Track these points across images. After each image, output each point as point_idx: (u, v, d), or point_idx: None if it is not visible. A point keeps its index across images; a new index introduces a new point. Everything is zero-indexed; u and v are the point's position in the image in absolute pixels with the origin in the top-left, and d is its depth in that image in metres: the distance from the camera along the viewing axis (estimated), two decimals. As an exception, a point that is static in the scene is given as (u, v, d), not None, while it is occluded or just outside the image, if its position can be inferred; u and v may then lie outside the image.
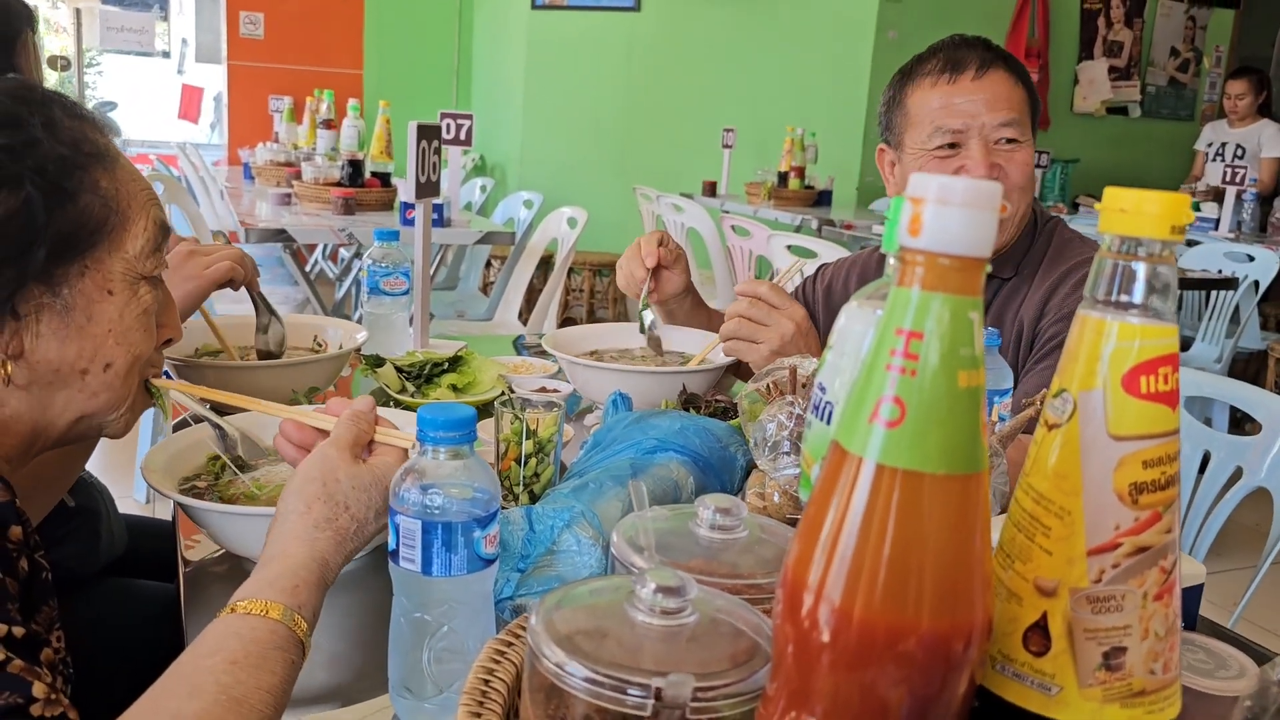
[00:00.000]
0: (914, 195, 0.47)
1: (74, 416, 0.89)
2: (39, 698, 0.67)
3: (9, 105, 0.84)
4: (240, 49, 6.91)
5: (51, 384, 0.86)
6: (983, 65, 1.44)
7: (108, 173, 0.88)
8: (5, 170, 0.80)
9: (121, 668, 1.27)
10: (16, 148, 0.82)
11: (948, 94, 1.44)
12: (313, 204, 3.72)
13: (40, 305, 0.83)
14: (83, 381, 0.87)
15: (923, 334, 0.47)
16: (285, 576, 0.78)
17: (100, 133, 0.90)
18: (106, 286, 0.87)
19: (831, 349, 0.74)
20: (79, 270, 0.85)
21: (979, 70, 1.44)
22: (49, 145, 0.84)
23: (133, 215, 0.89)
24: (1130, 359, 0.51)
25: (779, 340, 1.41)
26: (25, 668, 0.68)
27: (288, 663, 0.74)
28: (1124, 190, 0.51)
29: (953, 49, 1.48)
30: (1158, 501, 0.51)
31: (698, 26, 6.11)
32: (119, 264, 0.88)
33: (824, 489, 0.50)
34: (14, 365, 0.83)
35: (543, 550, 0.89)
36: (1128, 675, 0.51)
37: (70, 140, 0.86)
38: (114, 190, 0.88)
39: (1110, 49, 6.76)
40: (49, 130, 0.84)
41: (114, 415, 0.92)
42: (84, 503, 1.35)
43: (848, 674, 0.49)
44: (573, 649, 0.56)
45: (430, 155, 1.75)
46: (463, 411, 0.76)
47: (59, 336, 0.84)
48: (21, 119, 0.83)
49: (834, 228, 4.43)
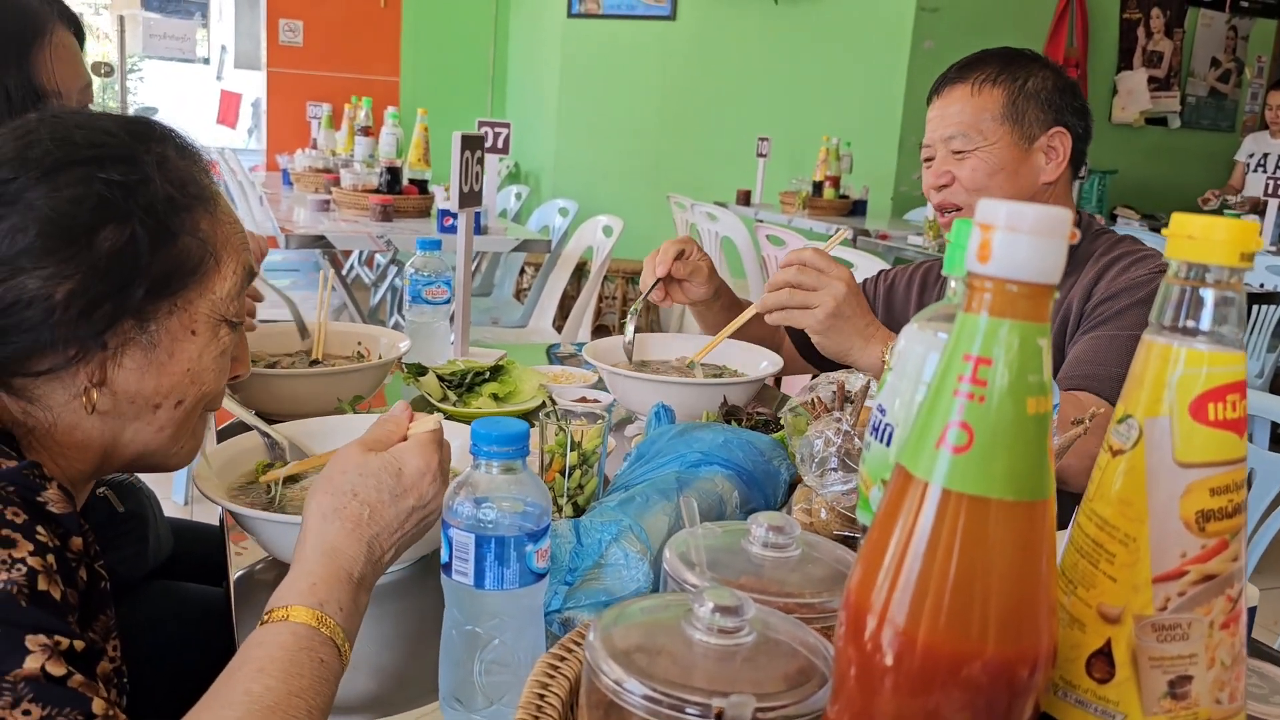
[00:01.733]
0: (983, 221, 0.47)
1: (140, 449, 0.90)
2: (98, 714, 0.68)
3: (126, 141, 0.85)
4: (279, 56, 6.98)
5: (125, 414, 0.87)
6: (944, 84, 1.61)
7: (209, 215, 0.90)
8: (117, 207, 0.82)
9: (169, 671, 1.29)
10: (130, 184, 0.83)
11: (929, 114, 1.64)
12: (351, 210, 3.76)
13: (128, 339, 0.84)
14: (154, 415, 0.89)
15: (991, 360, 0.47)
16: (301, 578, 0.78)
17: (206, 174, 0.92)
18: (191, 327, 0.88)
19: (891, 371, 0.74)
20: (168, 309, 0.86)
21: (939, 91, 1.62)
22: (159, 184, 0.85)
23: (225, 259, 0.90)
24: (1198, 386, 0.51)
25: (833, 301, 1.41)
26: (85, 683, 0.69)
27: (316, 662, 0.74)
28: (1192, 216, 0.51)
29: (945, 71, 1.63)
30: (1225, 529, 0.51)
31: (733, 35, 6.11)
32: (205, 305, 0.89)
33: (888, 512, 0.50)
34: (97, 393, 0.84)
35: (590, 564, 0.89)
36: (1193, 704, 0.51)
37: (179, 180, 0.87)
38: (213, 233, 0.89)
39: (1150, 59, 6.69)
40: (160, 169, 0.86)
41: (175, 449, 0.93)
42: (133, 508, 1.36)
43: (911, 699, 0.49)
44: (631, 666, 0.56)
45: (474, 165, 1.76)
46: (516, 426, 0.77)
47: (140, 370, 0.86)
48: (137, 156, 0.85)
49: (869, 238, 4.41)
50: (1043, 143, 1.55)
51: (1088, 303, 1.49)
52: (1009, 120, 1.54)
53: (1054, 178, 1.57)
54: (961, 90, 1.57)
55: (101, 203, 0.81)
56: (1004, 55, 1.59)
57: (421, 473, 0.84)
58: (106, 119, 0.87)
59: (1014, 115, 1.54)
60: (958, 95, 1.58)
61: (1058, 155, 1.56)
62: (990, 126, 1.54)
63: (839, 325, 1.41)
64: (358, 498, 0.82)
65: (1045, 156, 1.56)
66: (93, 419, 0.86)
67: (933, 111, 1.62)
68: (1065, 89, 1.57)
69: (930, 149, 1.62)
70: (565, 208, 4.55)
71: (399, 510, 0.84)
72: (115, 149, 0.84)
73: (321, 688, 0.74)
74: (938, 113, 1.61)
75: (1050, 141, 1.56)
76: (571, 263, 3.89)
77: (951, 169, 1.58)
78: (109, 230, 0.81)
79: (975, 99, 1.56)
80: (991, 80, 1.55)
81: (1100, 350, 1.39)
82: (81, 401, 0.84)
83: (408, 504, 0.84)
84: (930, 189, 1.63)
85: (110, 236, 0.81)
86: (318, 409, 1.35)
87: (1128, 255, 1.51)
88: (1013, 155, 1.55)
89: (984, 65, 1.58)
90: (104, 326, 0.82)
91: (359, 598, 0.80)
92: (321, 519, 0.82)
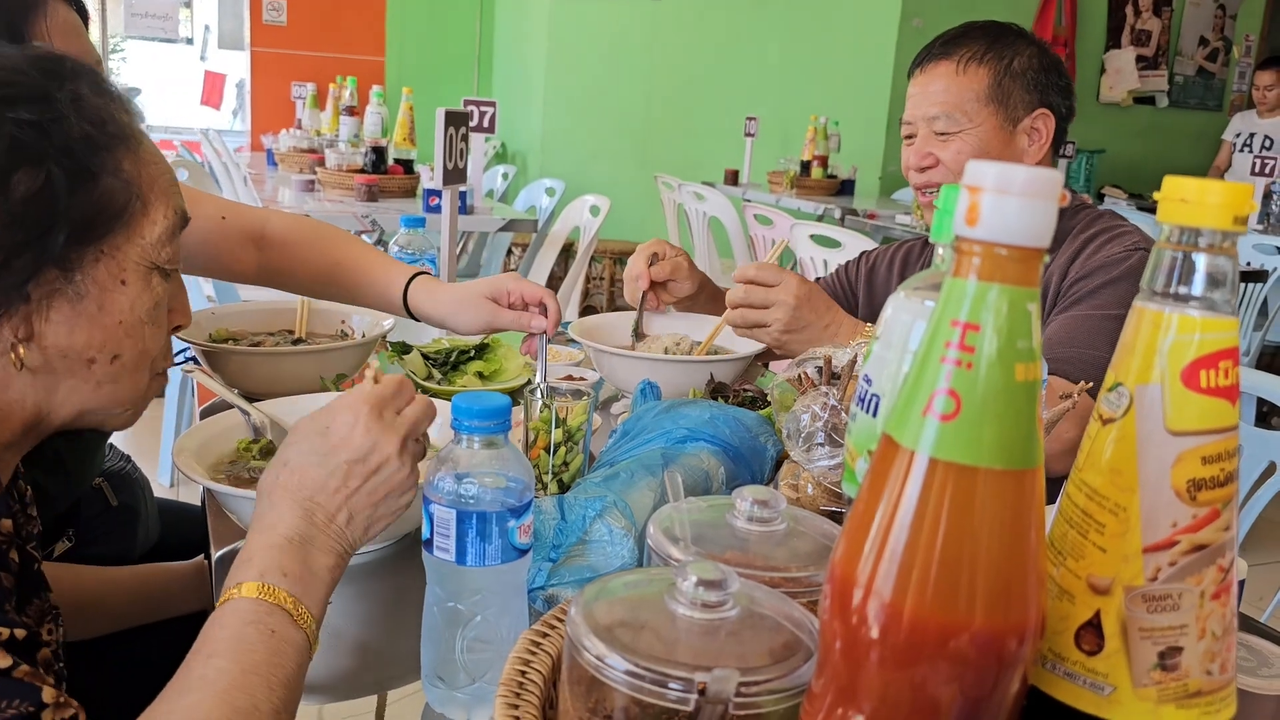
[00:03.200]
0: (971, 183, 0.46)
1: (76, 408, 0.86)
2: (49, 703, 0.66)
3: (37, 79, 0.80)
4: (263, 35, 6.91)
5: (57, 371, 0.83)
6: (928, 59, 1.58)
7: (131, 155, 0.84)
8: (30, 149, 0.76)
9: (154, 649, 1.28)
10: (43, 124, 0.77)
11: (910, 88, 1.61)
12: (336, 190, 3.73)
13: (53, 290, 0.80)
14: (89, 371, 0.84)
15: (979, 326, 0.46)
16: (241, 559, 0.76)
17: (126, 112, 0.86)
18: (120, 276, 0.83)
19: (878, 340, 0.73)
20: (94, 256, 0.81)
21: (922, 65, 1.58)
22: (75, 123, 0.79)
23: (153, 202, 0.85)
24: (1190, 352, 0.50)
25: (784, 318, 1.42)
26: (31, 672, 0.67)
27: (266, 634, 0.72)
28: (1185, 179, 0.50)
29: (929, 44, 1.61)
30: (1216, 498, 0.50)
31: (720, 14, 6.07)
32: (135, 252, 0.84)
33: (874, 483, 0.49)
34: (25, 348, 0.80)
35: (574, 540, 0.88)
36: (1184, 676, 0.50)
37: (96, 118, 0.81)
38: (136, 174, 0.84)
39: (1138, 38, 6.68)
40: (76, 106, 0.80)
41: (118, 410, 0.89)
42: (126, 500, 1.35)
43: (897, 671, 0.48)
44: (613, 641, 0.55)
45: (458, 142, 1.74)
46: (497, 400, 0.76)
47: (69, 323, 0.81)
48: (49, 94, 0.79)
49: (857, 217, 4.40)
50: (1026, 124, 1.54)
51: (1064, 280, 1.48)
52: (994, 101, 1.52)
53: (1036, 160, 1.55)
54: (946, 67, 1.55)
55: (14, 145, 0.76)
56: (989, 31, 1.56)
57: (350, 425, 0.81)
58: (16, 56, 0.82)
59: (999, 96, 1.52)
60: (942, 73, 1.55)
61: (1040, 137, 1.55)
62: (975, 108, 1.52)
63: (795, 336, 1.43)
64: (288, 465, 0.80)
65: (1028, 138, 1.55)
66: (23, 377, 0.81)
67: (914, 87, 1.59)
68: (1050, 68, 1.55)
69: (912, 126, 1.60)
70: (552, 187, 4.52)
71: (331, 467, 0.80)
72: (26, 87, 0.79)
73: (278, 660, 0.71)
74: (920, 89, 1.58)
75: (1034, 123, 1.54)
76: (559, 243, 3.87)
77: (935, 150, 1.56)
78: (23, 174, 0.76)
79: (960, 78, 1.53)
80: (978, 59, 1.53)
81: (1074, 331, 1.38)
82: (10, 359, 0.79)
83: (338, 459, 0.80)
84: (911, 169, 1.60)
85: (24, 180, 0.76)
86: (301, 388, 1.34)
87: (1105, 232, 1.49)
88: (997, 138, 1.53)
89: (970, 42, 1.55)
90: (26, 277, 0.77)
91: (309, 560, 0.77)
92: (260, 498, 0.80)
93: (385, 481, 0.81)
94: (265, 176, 4.54)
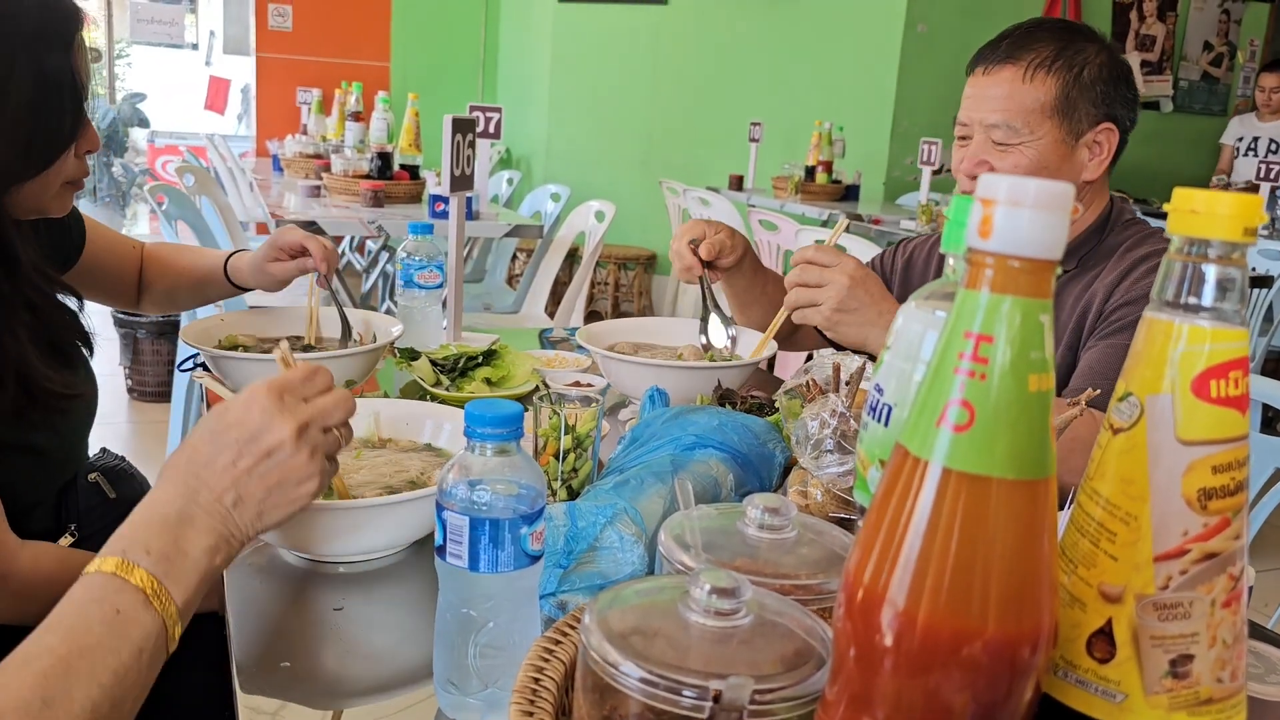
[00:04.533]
0: (985, 196, 0.46)
1: None
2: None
3: None
4: (269, 41, 6.94)
5: None
6: (993, 61, 1.47)
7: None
8: None
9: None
10: None
11: (969, 86, 1.51)
12: (342, 196, 3.74)
13: None
14: None
15: (993, 337, 0.46)
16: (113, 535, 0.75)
17: None
18: None
19: (889, 350, 0.74)
20: None
21: (988, 67, 1.48)
22: None
23: None
24: (1200, 363, 0.50)
25: (836, 296, 1.39)
26: None
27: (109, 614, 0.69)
28: (1194, 191, 0.50)
29: (995, 39, 1.49)
30: (1227, 507, 0.50)
31: (725, 19, 6.08)
32: None
33: (887, 491, 0.49)
34: None
35: (585, 547, 0.89)
36: (1195, 683, 0.51)
37: None
38: None
39: (1143, 43, 6.68)
40: None
41: None
42: (125, 493, 1.36)
43: (911, 679, 0.48)
44: (627, 649, 0.55)
45: (465, 149, 1.75)
46: (510, 408, 0.76)
47: None
48: None
49: (862, 222, 4.41)
50: (1089, 138, 1.46)
51: (1108, 301, 1.43)
52: (1058, 114, 1.43)
53: (1096, 175, 1.48)
54: (1011, 73, 1.44)
55: None
56: (1060, 33, 1.46)
57: (246, 405, 0.80)
58: None
59: (1064, 109, 1.43)
60: (1006, 78, 1.45)
61: (1101, 151, 1.47)
62: (1037, 120, 1.43)
63: (845, 318, 1.39)
64: (185, 444, 0.80)
65: (1089, 152, 1.47)
66: None
67: (974, 87, 1.49)
68: (1119, 78, 1.46)
69: (967, 128, 1.50)
70: (557, 193, 4.53)
71: (221, 445, 0.79)
72: None
73: (117, 644, 0.68)
74: (980, 91, 1.48)
75: (1096, 137, 1.46)
76: (564, 248, 3.88)
77: (989, 159, 1.47)
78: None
79: (1025, 86, 1.43)
80: (1046, 67, 1.43)
81: (1111, 363, 1.35)
82: None
83: (229, 437, 0.79)
84: (962, 172, 1.51)
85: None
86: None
87: (1154, 256, 1.43)
88: (1057, 152, 1.45)
89: (1038, 45, 1.44)
90: None
91: (182, 539, 0.75)
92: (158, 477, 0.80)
93: (278, 466, 0.80)
94: (271, 182, 4.55)
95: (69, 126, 1.20)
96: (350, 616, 0.94)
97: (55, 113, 1.17)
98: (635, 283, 6.08)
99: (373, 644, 0.90)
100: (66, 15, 1.18)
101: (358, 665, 0.87)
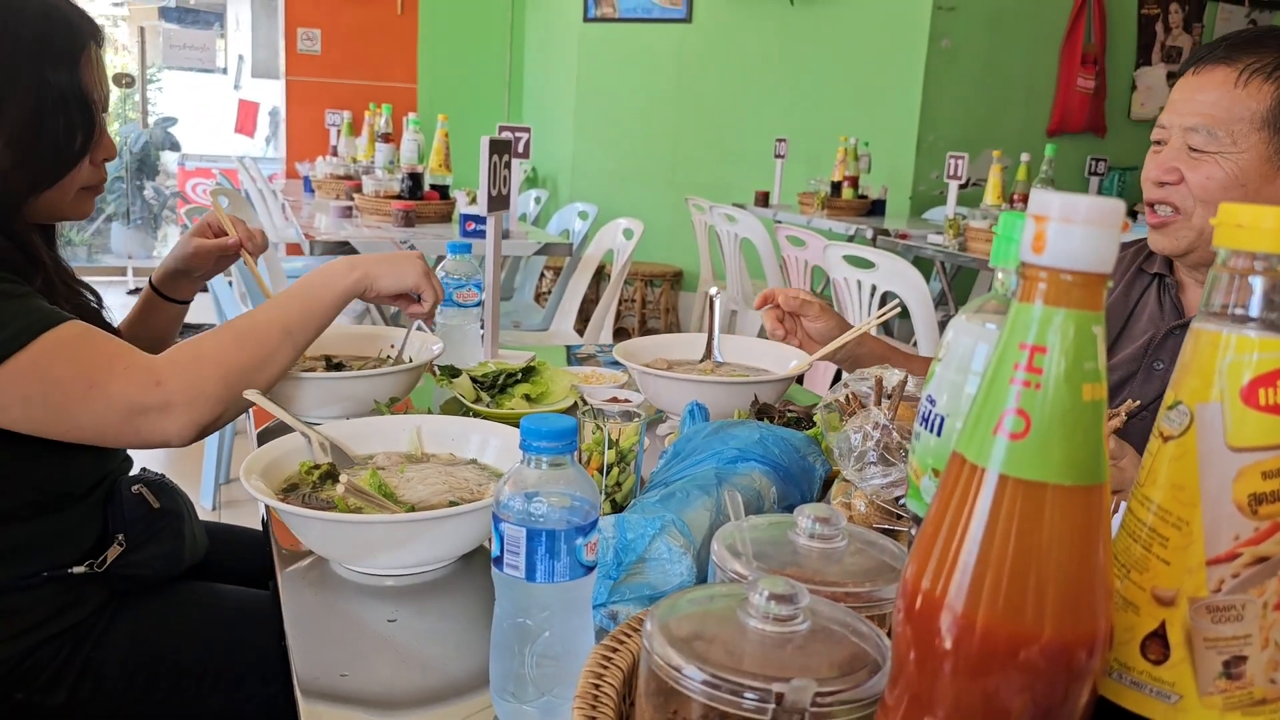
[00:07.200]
0: (1037, 213, 0.48)
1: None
2: None
3: None
4: (298, 64, 7.04)
5: None
6: (1205, 60, 1.35)
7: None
8: None
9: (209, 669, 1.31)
10: None
11: (1174, 90, 1.39)
12: (373, 216, 3.79)
13: None
14: None
15: (1047, 348, 0.48)
16: None
17: None
18: None
19: (940, 361, 0.75)
20: None
21: (1197, 67, 1.35)
22: None
23: None
24: (1249, 371, 0.51)
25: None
26: None
27: None
28: (1240, 206, 0.52)
29: (1214, 40, 1.38)
30: (1277, 512, 0.52)
31: (749, 37, 6.12)
32: None
33: (944, 498, 0.51)
34: None
35: (634, 558, 0.91)
36: (1248, 684, 0.52)
37: None
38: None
39: (1169, 54, 6.66)
40: None
41: None
42: (168, 505, 1.39)
43: (970, 682, 0.50)
44: (690, 653, 0.57)
45: (501, 169, 1.78)
46: (564, 423, 0.78)
47: None
48: None
49: (889, 237, 4.41)
50: None
51: None
52: (1269, 128, 1.29)
53: None
54: (1224, 74, 1.31)
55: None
56: None
57: None
58: None
59: (1277, 122, 1.29)
60: (1218, 80, 1.31)
61: None
62: (1244, 130, 1.29)
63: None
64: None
65: None
66: None
67: (1180, 91, 1.36)
68: None
69: (1165, 132, 1.37)
70: (585, 211, 4.57)
71: None
72: None
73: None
74: (1185, 94, 1.35)
75: None
76: (592, 266, 3.91)
77: (1182, 167, 1.34)
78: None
79: (1236, 91, 1.30)
80: (1264, 73, 1.29)
81: None
82: None
83: None
84: (1150, 181, 1.39)
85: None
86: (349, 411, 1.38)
87: None
88: (1259, 171, 1.30)
89: (1260, 49, 1.31)
90: None
91: None
92: None
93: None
94: (303, 203, 4.61)
95: (80, 141, 1.24)
96: (404, 628, 0.96)
97: (65, 127, 1.22)
98: (662, 299, 6.10)
99: (427, 654, 0.92)
100: (71, 31, 1.23)
101: (413, 675, 0.89)
